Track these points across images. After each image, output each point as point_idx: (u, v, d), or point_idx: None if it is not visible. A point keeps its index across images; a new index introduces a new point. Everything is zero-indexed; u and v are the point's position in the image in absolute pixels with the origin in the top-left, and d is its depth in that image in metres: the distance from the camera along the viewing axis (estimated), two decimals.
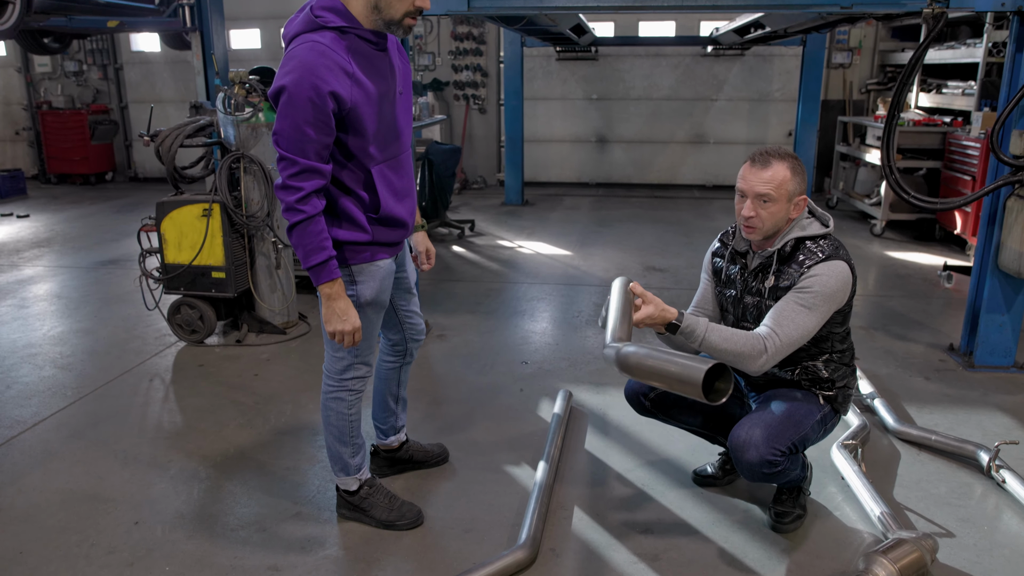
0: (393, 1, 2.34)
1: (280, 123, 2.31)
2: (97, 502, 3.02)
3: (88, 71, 12.13)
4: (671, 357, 2.37)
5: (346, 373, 2.69)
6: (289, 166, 2.32)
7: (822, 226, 2.70)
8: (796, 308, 2.57)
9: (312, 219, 2.37)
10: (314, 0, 2.38)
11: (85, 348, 4.74)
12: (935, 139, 7.60)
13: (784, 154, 2.64)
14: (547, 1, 4.25)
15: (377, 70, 2.44)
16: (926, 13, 3.96)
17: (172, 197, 4.64)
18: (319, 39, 2.30)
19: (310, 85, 2.25)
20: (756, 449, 2.55)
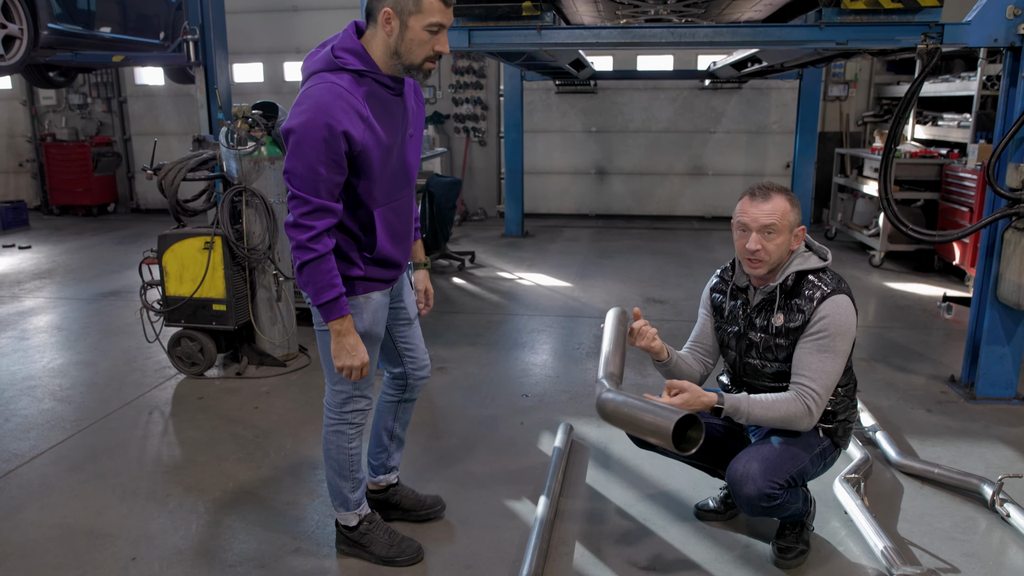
0: (413, 47, 2.35)
1: (292, 162, 2.32)
2: (94, 537, 3.00)
3: (92, 104, 12.26)
4: (645, 406, 2.37)
5: (346, 406, 2.69)
6: (301, 205, 2.33)
7: (820, 259, 2.73)
8: (819, 357, 2.60)
9: (323, 257, 2.38)
10: (336, 40, 2.40)
11: (84, 380, 4.73)
12: (932, 171, 7.66)
13: (780, 188, 2.69)
14: (545, 38, 4.32)
15: (391, 115, 2.46)
16: (920, 49, 4.02)
17: (174, 230, 4.67)
18: (337, 80, 2.32)
19: (324, 125, 2.27)
20: (754, 483, 2.54)
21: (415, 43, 2.34)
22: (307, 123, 2.27)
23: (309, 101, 2.30)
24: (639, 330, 2.83)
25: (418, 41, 2.34)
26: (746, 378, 2.87)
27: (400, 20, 2.32)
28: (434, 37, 2.35)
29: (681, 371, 2.91)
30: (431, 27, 2.33)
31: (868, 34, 4.11)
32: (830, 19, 4.05)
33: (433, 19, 2.32)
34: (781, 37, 4.24)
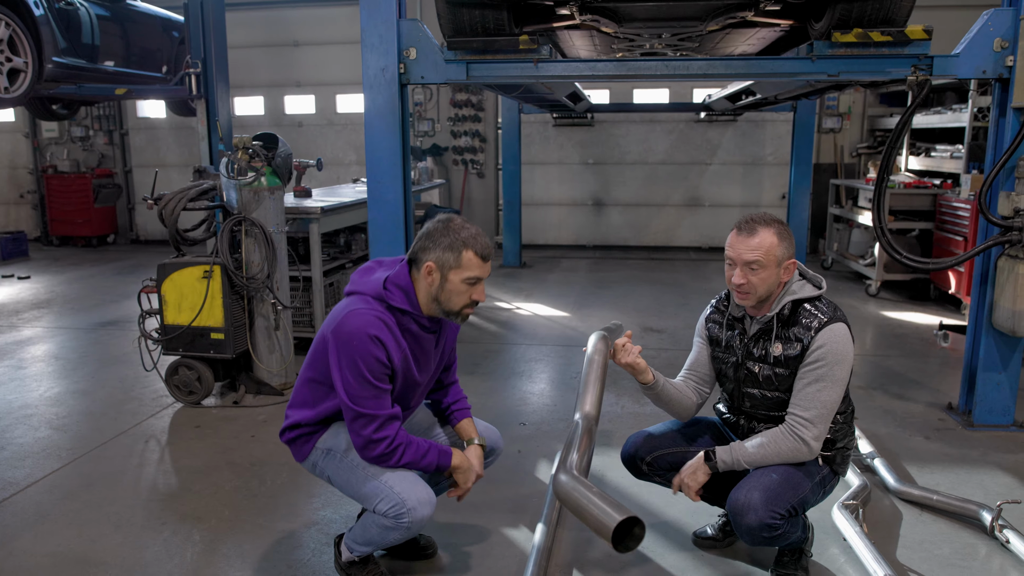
0: (452, 296, 2.53)
1: (349, 379, 2.46)
2: (88, 566, 2.97)
3: (94, 136, 12.39)
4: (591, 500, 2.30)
5: (402, 518, 2.54)
6: (369, 422, 2.48)
7: (815, 288, 2.74)
8: (816, 387, 2.61)
9: (407, 448, 2.55)
10: (393, 272, 2.59)
11: (81, 409, 4.72)
12: (926, 201, 7.73)
13: (769, 220, 2.68)
14: (542, 71, 4.39)
15: (422, 348, 2.66)
16: (910, 80, 4.10)
17: (173, 259, 4.69)
18: (382, 312, 2.52)
19: (376, 346, 2.45)
20: (755, 512, 2.53)
21: (454, 293, 2.53)
22: (358, 342, 2.45)
23: (357, 321, 2.48)
24: (622, 346, 2.82)
25: (457, 292, 2.53)
26: (745, 407, 2.87)
27: (441, 273, 2.51)
28: (472, 288, 2.54)
29: (670, 397, 2.91)
30: (469, 280, 2.52)
31: (859, 66, 4.18)
32: (821, 52, 4.12)
33: (472, 273, 2.51)
34: (774, 69, 4.32)
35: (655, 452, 2.97)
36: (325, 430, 2.72)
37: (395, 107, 4.51)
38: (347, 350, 2.46)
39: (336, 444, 2.67)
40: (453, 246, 2.49)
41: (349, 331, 2.47)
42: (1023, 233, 3.96)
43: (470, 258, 2.49)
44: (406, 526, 2.53)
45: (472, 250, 2.50)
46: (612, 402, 4.80)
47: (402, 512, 2.51)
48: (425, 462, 2.58)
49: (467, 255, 2.49)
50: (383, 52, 4.43)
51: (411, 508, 2.51)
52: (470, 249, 2.50)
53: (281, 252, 4.89)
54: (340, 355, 2.47)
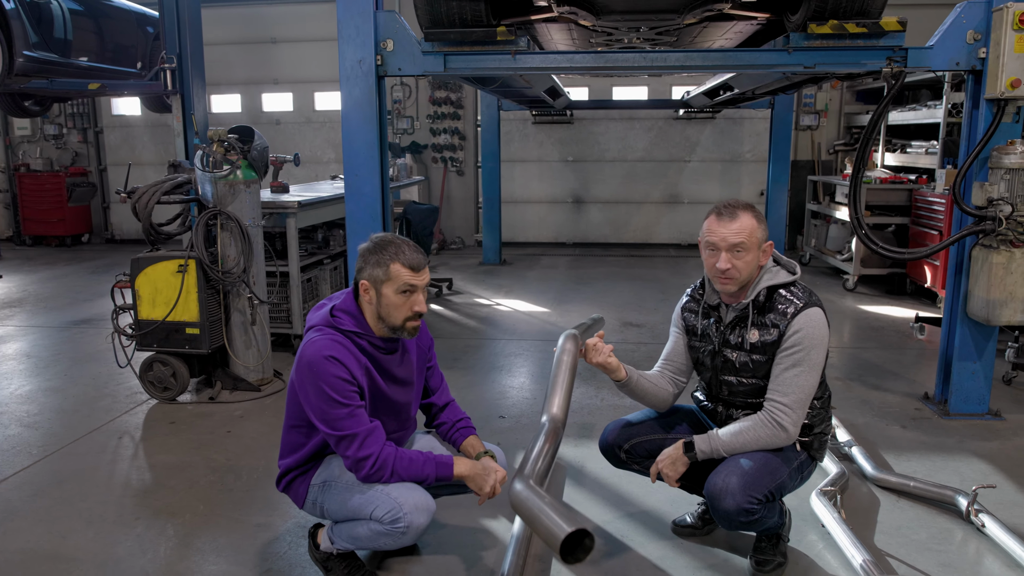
0: (391, 310, 2.56)
1: (320, 406, 2.47)
2: (58, 562, 2.91)
3: (68, 134, 12.20)
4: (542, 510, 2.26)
5: (397, 523, 2.51)
6: (351, 442, 2.47)
7: (789, 273, 2.75)
8: (792, 372, 2.62)
9: (397, 460, 2.52)
10: (339, 300, 2.65)
11: (53, 407, 4.64)
12: (902, 196, 7.81)
13: (746, 204, 2.71)
14: (520, 62, 4.37)
15: (385, 368, 2.66)
16: (885, 72, 4.13)
17: (147, 253, 4.62)
18: (334, 335, 2.55)
19: (335, 365, 2.47)
20: (733, 497, 2.53)
21: (392, 307, 2.56)
22: (320, 367, 2.47)
23: (314, 347, 2.50)
24: (593, 346, 2.83)
25: (394, 305, 2.56)
26: (723, 395, 2.87)
27: (376, 289, 2.56)
28: (408, 298, 2.56)
29: (645, 391, 2.90)
30: (402, 289, 2.54)
31: (834, 58, 4.21)
32: (797, 44, 4.14)
33: (402, 282, 2.54)
34: (751, 61, 4.34)
35: (633, 440, 2.96)
36: (316, 467, 2.71)
37: (372, 99, 4.48)
38: (311, 377, 2.49)
39: (330, 474, 2.67)
40: (380, 261, 2.54)
41: (308, 359, 2.50)
42: (996, 223, 3.99)
43: (398, 269, 2.53)
44: (401, 531, 2.50)
45: (398, 261, 2.54)
46: (592, 395, 4.79)
47: (398, 517, 2.48)
48: (423, 473, 2.56)
49: (394, 267, 2.53)
50: (360, 44, 4.39)
51: (407, 513, 2.49)
52: (396, 261, 2.54)
53: (258, 246, 4.83)
54: (306, 384, 2.50)
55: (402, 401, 2.76)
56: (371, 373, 2.61)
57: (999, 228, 4.00)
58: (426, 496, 2.56)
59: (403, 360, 2.75)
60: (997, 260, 4.03)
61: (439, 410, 2.98)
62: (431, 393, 2.98)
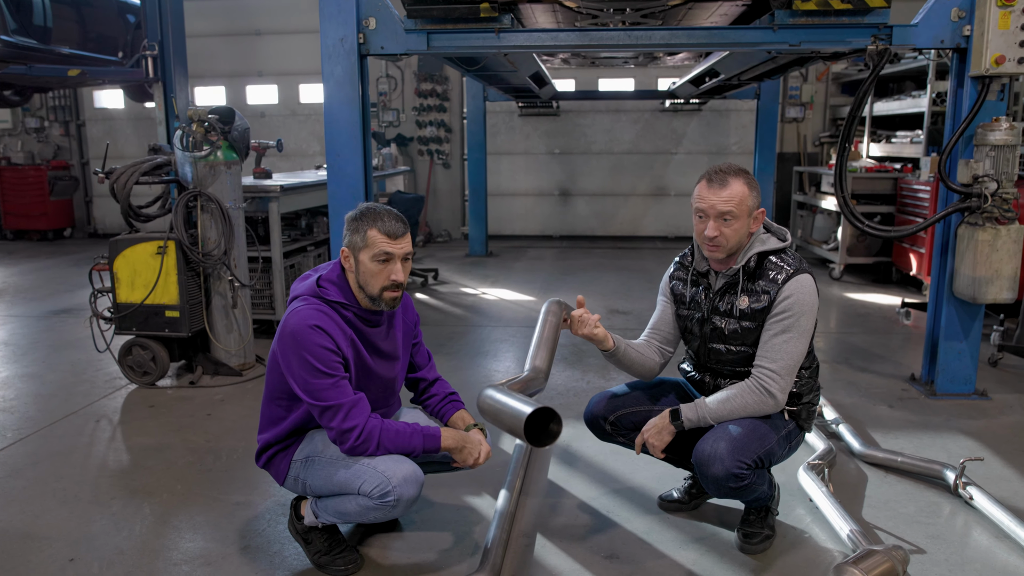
0: (368, 278, 2.52)
1: (303, 376, 2.42)
2: (31, 540, 2.84)
3: (50, 127, 12.06)
4: (505, 403, 2.40)
5: (387, 497, 2.44)
6: (335, 412, 2.42)
7: (779, 240, 2.72)
8: (783, 338, 2.59)
9: (383, 432, 2.46)
10: (323, 270, 2.62)
11: (30, 392, 4.55)
12: (887, 185, 7.82)
13: (738, 170, 2.65)
14: (504, 40, 4.33)
15: (370, 340, 2.61)
16: (870, 50, 4.11)
17: (126, 235, 4.55)
18: (320, 305, 2.51)
19: (319, 334, 2.42)
20: (722, 462, 2.50)
21: (369, 275, 2.52)
22: (304, 337, 2.42)
23: (298, 316, 2.45)
24: (579, 318, 2.78)
25: (370, 272, 2.52)
26: (711, 364, 2.83)
27: (354, 256, 2.53)
28: (386, 267, 2.52)
29: (632, 360, 2.86)
30: (378, 257, 2.50)
31: (820, 36, 4.19)
32: (783, 21, 4.11)
33: (378, 249, 2.49)
34: (736, 39, 4.31)
35: (619, 412, 2.92)
36: (298, 442, 2.64)
37: (354, 78, 4.42)
38: (294, 347, 2.43)
39: (313, 448, 2.60)
40: (359, 228, 2.51)
41: (292, 329, 2.45)
42: (982, 199, 3.98)
43: (374, 235, 2.49)
44: (391, 504, 2.43)
45: (375, 227, 2.50)
46: (578, 378, 4.75)
47: (387, 491, 2.41)
48: (411, 445, 2.50)
49: (371, 233, 2.49)
50: (342, 22, 4.33)
51: (396, 486, 2.42)
52: (373, 227, 2.50)
53: (239, 229, 4.76)
54: (289, 354, 2.45)
55: (387, 376, 2.71)
56: (356, 345, 2.56)
57: (984, 205, 3.99)
58: (414, 467, 2.50)
59: (388, 334, 2.70)
60: (983, 238, 4.02)
61: (428, 384, 2.93)
62: (418, 369, 2.92)
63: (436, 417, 2.87)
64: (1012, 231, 4.03)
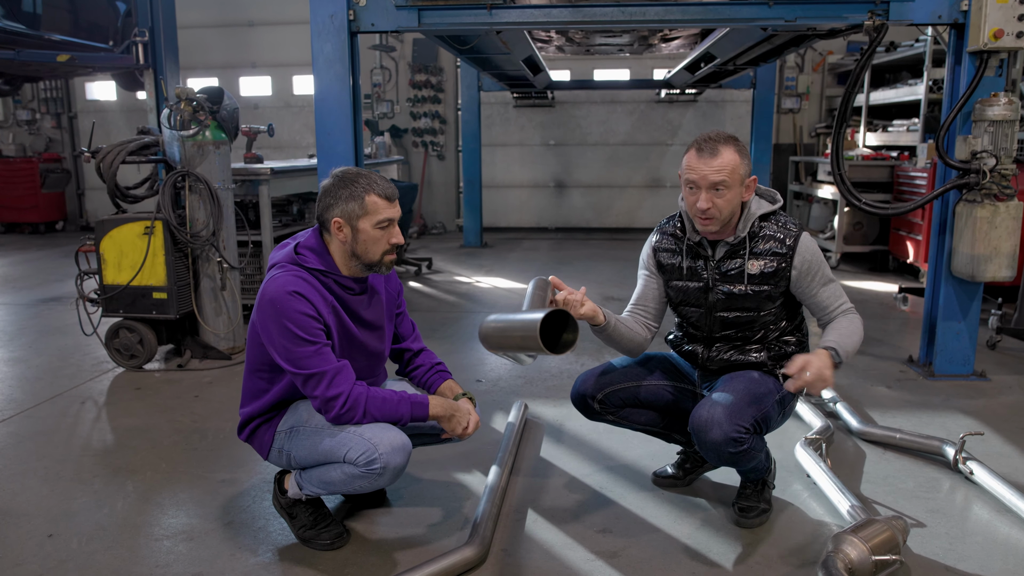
0: (368, 245, 2.45)
1: (284, 344, 2.35)
2: (9, 517, 2.77)
3: (41, 120, 11.96)
4: (512, 317, 2.35)
5: (373, 464, 2.36)
6: (319, 380, 2.35)
7: (771, 203, 2.67)
8: (830, 287, 2.65)
9: (369, 400, 2.40)
10: (301, 237, 2.53)
11: (14, 375, 4.47)
12: (884, 173, 7.77)
13: (727, 137, 2.55)
14: (496, 17, 4.26)
15: (353, 309, 2.54)
16: (867, 25, 4.05)
17: (113, 215, 4.47)
18: (299, 272, 2.43)
19: (300, 300, 2.35)
20: (720, 427, 2.43)
21: (370, 242, 2.45)
22: (284, 304, 2.34)
23: (276, 283, 2.38)
24: (566, 300, 2.56)
25: (372, 240, 2.44)
26: (714, 333, 2.74)
27: (351, 225, 2.43)
28: (386, 231, 2.46)
29: (621, 335, 2.74)
30: (380, 224, 2.43)
31: (816, 12, 4.14)
32: None
33: (380, 216, 2.43)
34: (731, 15, 4.25)
35: (607, 389, 2.83)
36: (282, 415, 2.57)
37: (344, 56, 4.36)
38: (273, 315, 2.35)
39: (298, 419, 2.52)
40: (355, 195, 2.41)
41: (271, 296, 2.37)
42: (980, 175, 3.93)
43: (374, 201, 2.42)
44: (377, 472, 2.35)
45: (374, 192, 2.43)
46: (571, 360, 4.69)
47: (373, 458, 2.34)
48: (398, 413, 2.43)
49: (370, 199, 2.42)
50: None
51: (383, 454, 2.34)
52: (372, 192, 2.42)
53: (228, 210, 4.69)
54: (268, 323, 2.37)
55: (372, 346, 2.63)
56: (338, 312, 2.48)
57: (983, 181, 3.93)
58: (401, 435, 2.42)
59: (372, 302, 2.62)
60: (981, 215, 3.97)
61: (413, 355, 2.85)
62: (403, 339, 2.85)
63: (423, 388, 2.80)
64: (1011, 208, 3.97)
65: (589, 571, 2.44)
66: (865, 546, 2.22)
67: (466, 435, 2.57)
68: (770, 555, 2.52)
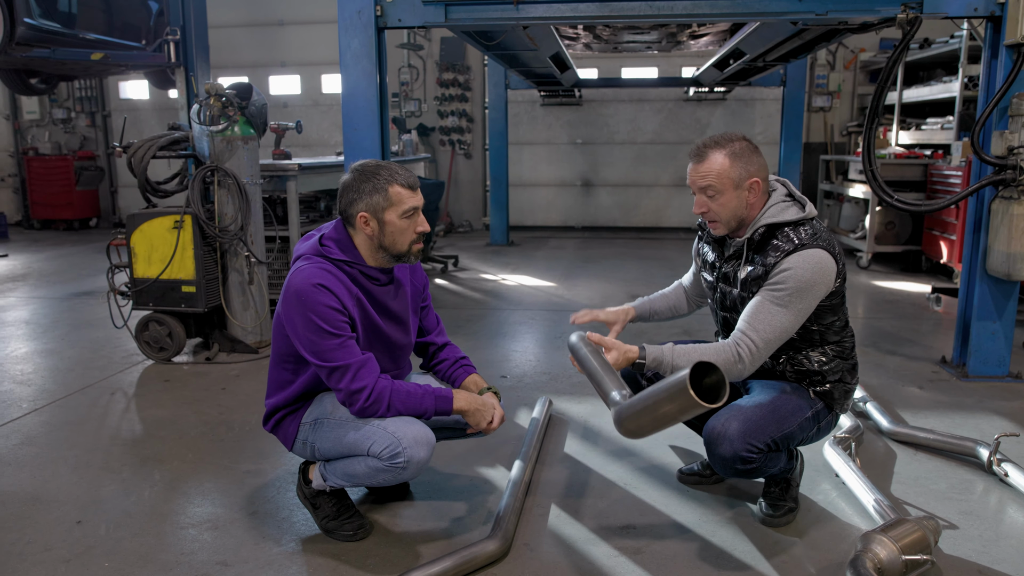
0: (396, 236, 2.45)
1: (309, 337, 2.35)
2: (39, 503, 2.81)
3: (76, 118, 12.19)
4: (650, 390, 2.20)
5: (397, 458, 2.37)
6: (343, 373, 2.34)
7: (799, 211, 2.52)
8: (769, 307, 2.42)
9: (393, 393, 2.39)
10: (326, 228, 2.53)
11: (48, 366, 4.56)
12: (917, 171, 7.63)
13: (722, 141, 2.48)
14: (523, 12, 4.25)
15: (379, 300, 2.53)
16: (900, 18, 3.98)
17: (143, 210, 4.53)
18: (324, 264, 2.43)
19: (324, 293, 2.35)
20: (730, 443, 2.39)
21: (397, 233, 2.45)
22: (310, 298, 2.34)
23: (301, 275, 2.38)
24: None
25: (399, 230, 2.45)
26: (727, 329, 2.73)
27: (377, 218, 2.43)
28: (412, 220, 2.46)
29: (660, 312, 2.96)
30: (406, 213, 2.44)
31: (847, 4, 4.07)
32: None
33: (405, 206, 2.43)
34: (761, 8, 4.19)
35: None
36: (307, 406, 2.58)
37: (371, 52, 4.37)
38: (298, 307, 2.35)
39: (322, 411, 2.53)
40: (377, 187, 2.42)
41: (295, 288, 2.37)
42: (1017, 171, 3.84)
43: (398, 191, 2.43)
44: (401, 466, 2.35)
45: (397, 183, 2.43)
46: None
47: (397, 452, 2.34)
48: (422, 407, 2.43)
49: (394, 190, 2.42)
50: None
51: (407, 448, 2.34)
52: (395, 183, 2.43)
53: (256, 205, 4.73)
54: (293, 315, 2.37)
55: (397, 338, 2.63)
56: (363, 304, 2.48)
57: (1020, 177, 3.84)
58: (425, 429, 2.42)
59: (397, 294, 2.62)
60: (1018, 211, 3.88)
61: (438, 349, 2.85)
62: (427, 333, 2.84)
63: (447, 382, 2.79)
64: None
65: (612, 567, 2.42)
66: (895, 546, 2.17)
67: (490, 430, 2.56)
68: (797, 554, 2.48)
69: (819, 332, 2.57)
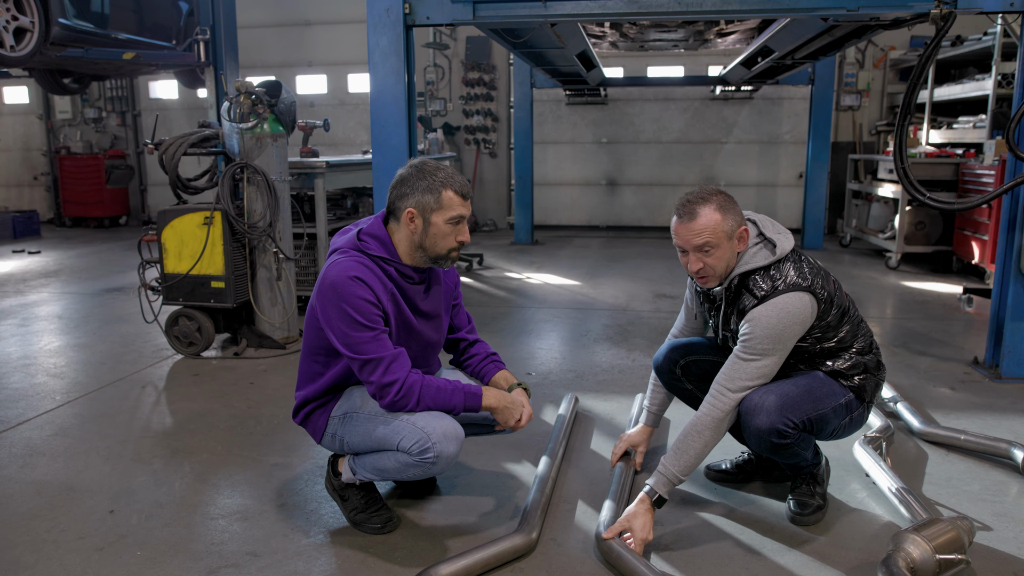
0: (437, 239, 2.46)
1: (343, 329, 2.35)
2: (73, 492, 2.86)
3: (107, 118, 12.38)
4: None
5: (426, 453, 2.37)
6: (375, 366, 2.35)
7: (769, 254, 2.50)
8: (741, 363, 2.47)
9: (424, 388, 2.40)
10: (364, 224, 2.53)
11: (80, 360, 4.63)
12: (948, 171, 7.52)
13: (707, 195, 2.48)
14: (550, 9, 4.26)
15: (412, 297, 2.54)
16: (934, 14, 3.91)
17: (174, 206, 4.59)
18: (360, 258, 2.44)
19: (360, 286, 2.36)
20: (768, 415, 2.40)
21: (439, 236, 2.45)
22: (345, 290, 2.35)
23: (338, 268, 2.39)
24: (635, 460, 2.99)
25: (442, 234, 2.45)
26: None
27: (423, 218, 2.43)
28: (456, 228, 2.47)
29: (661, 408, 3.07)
30: (452, 219, 2.44)
31: (880, 0, 4.02)
32: None
33: (454, 212, 2.44)
34: (791, 5, 4.15)
35: (690, 357, 2.90)
36: (336, 399, 2.60)
37: (399, 49, 4.40)
38: (333, 299, 2.36)
39: (352, 404, 2.55)
40: (432, 188, 2.42)
41: (331, 281, 2.38)
42: None
43: (451, 197, 2.43)
44: (431, 461, 2.37)
45: (451, 189, 2.43)
46: (623, 356, 4.65)
47: (427, 447, 2.35)
48: (452, 402, 2.44)
49: (447, 194, 2.42)
50: None
51: (436, 443, 2.35)
52: (449, 188, 2.43)
53: (284, 202, 4.77)
54: (328, 307, 2.38)
55: (428, 335, 2.64)
56: (397, 300, 2.49)
57: None
58: (454, 424, 2.43)
59: (429, 292, 2.63)
60: None
61: (468, 345, 2.86)
62: (458, 330, 2.86)
63: (477, 378, 2.80)
64: None
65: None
66: (928, 545, 2.14)
67: (519, 427, 2.56)
68: (826, 553, 2.46)
69: (834, 348, 2.58)
